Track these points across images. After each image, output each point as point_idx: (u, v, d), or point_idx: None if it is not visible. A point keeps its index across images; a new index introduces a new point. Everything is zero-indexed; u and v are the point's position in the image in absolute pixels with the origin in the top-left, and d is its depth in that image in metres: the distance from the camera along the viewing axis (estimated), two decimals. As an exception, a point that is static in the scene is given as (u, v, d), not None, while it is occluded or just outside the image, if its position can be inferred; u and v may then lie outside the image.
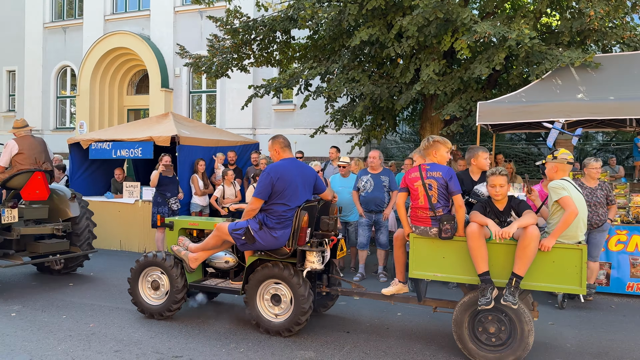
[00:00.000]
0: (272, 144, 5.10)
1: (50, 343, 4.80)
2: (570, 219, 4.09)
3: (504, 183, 4.39)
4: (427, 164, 4.62)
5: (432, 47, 8.10)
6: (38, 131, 18.32)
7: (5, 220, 6.48)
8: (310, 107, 10.05)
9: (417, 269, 4.58)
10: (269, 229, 4.84)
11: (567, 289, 4.18)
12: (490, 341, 4.40)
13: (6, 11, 19.07)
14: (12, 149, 6.79)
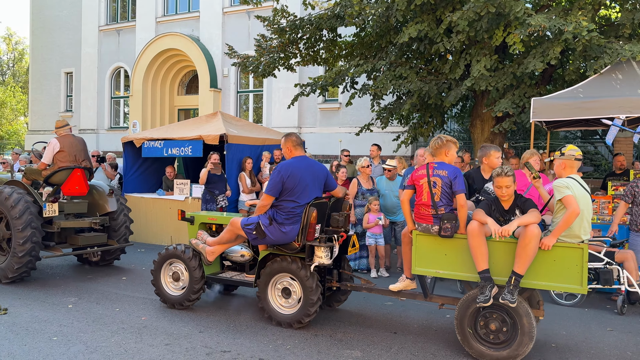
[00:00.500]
0: (285, 142, 5.25)
1: (104, 334, 4.95)
2: (572, 218, 4.06)
3: (510, 184, 4.37)
4: (435, 163, 4.68)
5: (483, 42, 7.87)
6: (93, 130, 19.07)
7: (46, 214, 6.84)
8: (355, 105, 9.98)
9: (419, 265, 4.66)
10: (278, 225, 5.01)
11: (568, 288, 4.16)
12: (491, 338, 4.41)
13: (64, 16, 19.94)
14: (55, 147, 7.14)
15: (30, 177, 7.34)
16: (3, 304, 5.81)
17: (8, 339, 4.77)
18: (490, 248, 4.32)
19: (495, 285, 4.26)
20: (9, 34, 50.09)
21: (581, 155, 4.48)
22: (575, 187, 4.23)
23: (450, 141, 4.75)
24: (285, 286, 5.23)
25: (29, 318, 5.38)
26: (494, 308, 4.38)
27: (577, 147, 4.54)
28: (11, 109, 37.18)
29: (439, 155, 4.76)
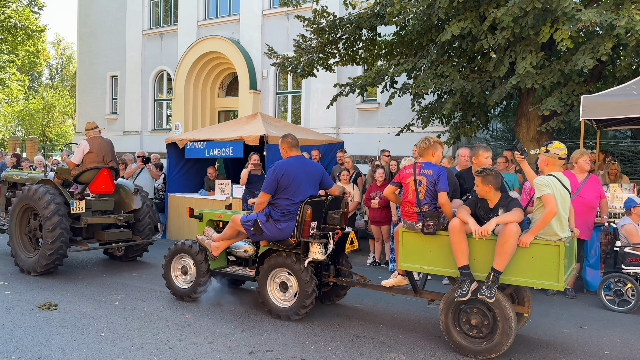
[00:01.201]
0: (281, 142, 5.51)
1: (150, 331, 5.05)
2: (549, 217, 4.16)
3: (492, 182, 4.51)
4: (422, 162, 4.86)
5: (529, 38, 7.64)
6: (137, 132, 19.58)
7: (74, 211, 7.27)
8: (394, 104, 9.87)
9: (405, 261, 4.82)
10: (274, 221, 5.28)
11: (545, 284, 4.22)
12: (473, 332, 4.53)
13: (109, 21, 20.57)
14: (84, 148, 7.52)
15: (61, 176, 7.71)
16: (54, 300, 6.01)
17: (59, 334, 4.93)
18: (471, 245, 4.43)
19: (474, 281, 4.39)
20: (58, 39, 52.12)
21: (566, 155, 4.54)
22: (557, 186, 4.32)
23: (437, 142, 4.94)
24: (283, 280, 5.50)
25: (77, 314, 5.54)
26: (475, 303, 4.48)
27: (563, 145, 4.59)
28: (60, 112, 38.65)
29: (426, 156, 4.92)
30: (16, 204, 7.63)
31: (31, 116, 37.06)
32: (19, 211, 7.63)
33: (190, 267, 6.12)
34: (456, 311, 4.62)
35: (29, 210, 7.61)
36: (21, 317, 5.42)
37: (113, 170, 7.78)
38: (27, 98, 40.57)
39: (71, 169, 7.57)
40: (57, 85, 49.30)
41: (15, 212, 7.65)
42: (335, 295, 6.08)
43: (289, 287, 5.46)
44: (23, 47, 26.84)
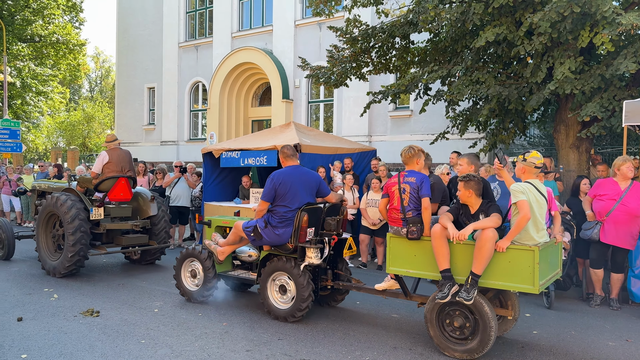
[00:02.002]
0: (280, 153, 5.88)
1: (188, 339, 5.13)
2: (523, 223, 4.31)
3: (472, 188, 4.71)
4: (406, 171, 5.09)
5: (568, 43, 7.47)
6: (174, 142, 20.01)
7: (93, 217, 7.82)
8: (427, 111, 9.79)
9: (393, 265, 5.01)
10: (272, 227, 5.59)
11: (521, 287, 4.35)
12: (456, 334, 4.68)
13: (147, 34, 21.17)
14: (104, 159, 8.08)
15: (83, 184, 8.24)
16: (96, 307, 6.18)
17: (101, 340, 5.07)
18: (453, 250, 4.61)
19: (455, 284, 4.56)
20: (97, 53, 53.92)
21: (542, 164, 4.75)
22: (531, 192, 4.49)
23: (420, 151, 5.19)
24: (282, 284, 5.76)
25: (119, 321, 5.68)
26: (458, 306, 4.64)
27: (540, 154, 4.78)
28: (99, 123, 39.88)
29: (410, 164, 5.15)
30: (42, 211, 8.21)
31: (72, 127, 38.38)
32: (45, 218, 8.22)
33: (199, 271, 6.44)
34: (440, 313, 4.78)
35: (54, 217, 8.16)
36: (65, 323, 5.59)
37: (130, 179, 8.29)
38: (68, 110, 42.03)
39: (92, 178, 8.10)
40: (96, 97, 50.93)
41: (41, 219, 8.23)
42: (334, 300, 6.30)
43: (288, 290, 5.72)
44: (65, 61, 27.91)
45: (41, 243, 8.22)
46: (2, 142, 19.64)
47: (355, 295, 6.84)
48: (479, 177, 4.76)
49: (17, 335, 5.18)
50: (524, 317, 6.06)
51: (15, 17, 24.24)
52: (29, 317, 5.77)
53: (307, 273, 5.60)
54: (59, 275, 7.74)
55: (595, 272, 6.67)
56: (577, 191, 7.38)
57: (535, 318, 6.06)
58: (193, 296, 6.44)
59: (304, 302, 5.54)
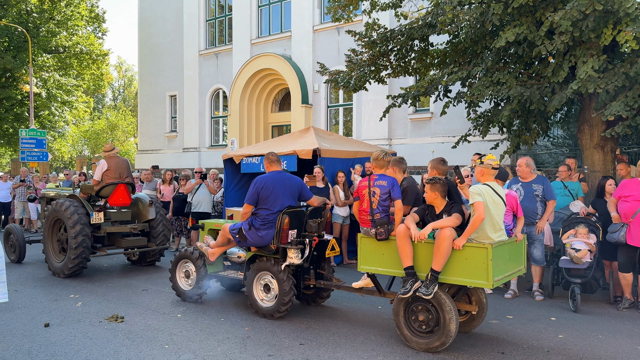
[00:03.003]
0: (265, 159, 6.25)
1: (211, 344, 5.17)
2: (477, 222, 4.59)
3: (436, 190, 4.96)
4: (377, 175, 5.37)
5: (590, 42, 7.33)
6: (195, 149, 20.23)
7: (93, 221, 8.33)
8: (448, 114, 9.71)
9: (364, 263, 5.31)
10: (255, 229, 5.92)
11: (477, 283, 4.62)
12: (421, 328, 4.94)
13: (167, 43, 21.48)
14: (103, 167, 8.63)
15: (86, 191, 8.73)
16: (120, 313, 6.27)
17: (126, 345, 5.14)
18: (417, 248, 4.89)
19: (418, 280, 4.84)
20: (120, 62, 54.92)
21: (498, 165, 5.05)
22: (487, 194, 4.77)
23: (392, 155, 5.65)
24: (266, 283, 6.07)
25: (143, 326, 5.76)
26: (422, 301, 4.89)
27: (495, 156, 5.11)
28: (122, 131, 40.55)
29: (382, 168, 5.44)
30: (48, 216, 8.72)
31: (96, 136, 39.12)
32: (51, 222, 8.72)
33: (192, 272, 6.81)
34: (407, 309, 5.03)
35: (59, 222, 8.65)
36: (91, 328, 5.68)
37: (129, 185, 8.80)
38: (93, 119, 42.86)
39: (94, 185, 8.66)
40: (119, 105, 51.83)
41: (48, 223, 8.75)
42: (319, 297, 6.60)
43: (271, 289, 6.04)
44: (88, 71, 28.48)
45: (48, 246, 8.72)
46: (29, 152, 20.11)
47: (377, 300, 6.81)
48: (444, 180, 5.04)
49: (44, 340, 5.29)
50: (549, 321, 5.95)
51: (41, 29, 24.84)
52: (55, 323, 5.88)
53: (287, 272, 5.89)
54: (64, 275, 8.26)
55: (624, 276, 6.50)
56: (603, 192, 7.22)
57: (560, 322, 5.94)
58: (186, 295, 6.77)
59: (286, 299, 5.85)
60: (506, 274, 4.89)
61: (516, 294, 7.06)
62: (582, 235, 6.73)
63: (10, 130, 25.48)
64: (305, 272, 6.24)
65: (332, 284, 6.14)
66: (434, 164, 5.61)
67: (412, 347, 4.95)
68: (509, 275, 4.96)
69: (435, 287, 4.70)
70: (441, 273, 4.73)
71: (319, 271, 6.32)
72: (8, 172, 21.60)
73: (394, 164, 5.58)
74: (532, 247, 7.00)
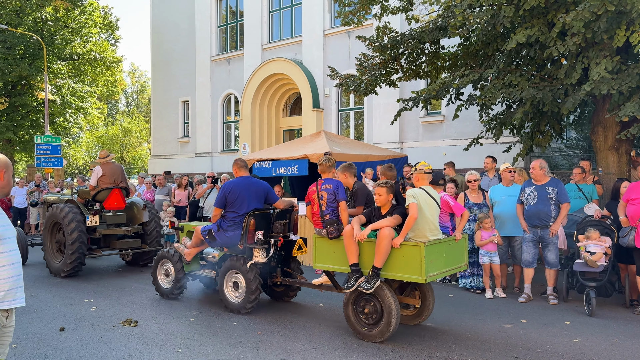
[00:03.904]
0: (233, 165, 6.70)
1: (224, 348, 5.19)
2: (410, 222, 4.99)
3: (382, 193, 5.31)
4: (323, 179, 5.77)
5: (603, 43, 7.27)
6: (208, 154, 20.36)
7: (89, 224, 8.80)
8: (460, 116, 9.67)
9: (318, 261, 5.72)
10: (223, 230, 6.38)
11: (412, 278, 5.06)
12: (367, 320, 5.35)
13: (180, 49, 21.68)
14: (98, 172, 9.13)
15: (83, 196, 9.28)
16: (134, 317, 6.32)
17: (139, 349, 5.17)
18: (363, 247, 5.28)
19: (362, 276, 5.22)
20: (133, 68, 55.50)
21: (430, 169, 5.47)
22: (421, 197, 5.17)
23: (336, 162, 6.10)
24: (235, 280, 6.45)
25: (156, 330, 5.79)
26: (368, 296, 5.30)
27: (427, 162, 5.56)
28: (136, 137, 40.93)
29: (327, 173, 5.86)
30: (47, 219, 9.25)
31: (110, 141, 39.52)
32: (50, 225, 9.20)
33: (171, 271, 7.19)
34: (354, 303, 5.44)
35: (57, 225, 9.09)
36: (105, 332, 5.74)
37: (123, 189, 9.27)
38: (106, 125, 43.32)
39: (90, 190, 9.17)
40: (133, 111, 52.33)
41: (47, 226, 9.24)
42: (287, 295, 7.03)
43: (240, 286, 6.40)
44: (102, 78, 28.80)
45: (47, 247, 9.17)
46: (44, 158, 20.37)
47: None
48: (392, 183, 5.45)
49: (59, 344, 5.35)
50: (564, 325, 5.88)
51: (55, 37, 25.18)
52: (70, 327, 5.94)
53: (254, 270, 6.27)
54: (62, 275, 8.72)
55: (640, 279, 6.40)
56: (618, 194, 7.13)
57: (575, 326, 5.87)
58: (166, 292, 7.21)
59: (252, 295, 6.24)
60: (442, 270, 5.31)
61: (530, 298, 7.00)
62: (594, 239, 6.65)
63: (26, 136, 25.83)
64: (273, 271, 6.62)
65: (296, 281, 6.50)
66: (383, 170, 6.11)
67: (360, 337, 5.35)
68: (446, 271, 5.42)
69: (377, 282, 5.13)
70: (382, 269, 5.14)
71: (286, 269, 6.71)
72: (24, 178, 21.90)
73: (344, 169, 6.01)
74: (546, 250, 6.94)
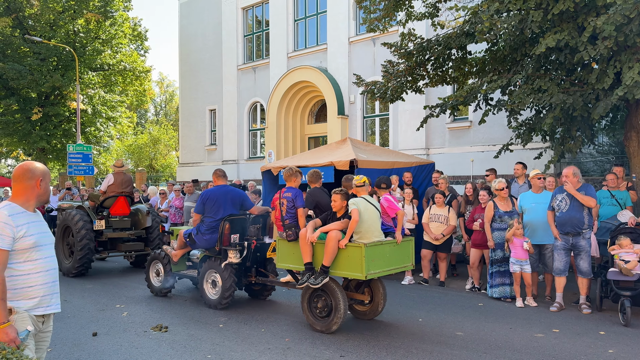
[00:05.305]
0: (212, 174, 7.42)
1: (252, 354, 5.22)
2: (352, 225, 5.64)
3: (337, 199, 5.91)
4: (285, 188, 6.51)
5: (635, 46, 7.11)
6: (234, 161, 20.57)
7: (96, 227, 9.62)
8: (487, 122, 9.54)
9: (280, 261, 6.47)
10: (201, 234, 7.06)
11: (355, 275, 5.70)
12: (320, 313, 5.97)
13: (207, 59, 22.01)
14: (109, 180, 10.05)
15: (93, 199, 10.14)
16: (164, 323, 6.42)
17: (170, 355, 5.25)
18: (317, 248, 5.91)
19: (314, 274, 5.83)
20: (161, 78, 56.52)
21: (361, 182, 6.05)
22: (361, 203, 5.81)
23: (298, 172, 6.69)
24: (213, 279, 7.11)
25: (186, 336, 5.87)
26: (320, 291, 5.94)
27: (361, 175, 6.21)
28: (164, 145, 41.61)
29: (289, 182, 6.59)
30: (59, 224, 10.11)
31: (139, 150, 40.27)
32: (61, 229, 10.02)
33: (161, 271, 7.93)
34: (310, 297, 6.09)
35: (68, 229, 9.86)
36: (136, 338, 5.84)
37: (129, 197, 10.15)
38: (136, 133, 44.17)
39: (100, 195, 10.11)
40: (161, 120, 53.29)
41: (59, 230, 10.06)
42: (261, 294, 7.71)
43: (217, 284, 7.02)
44: (132, 87, 29.44)
45: (59, 250, 9.86)
46: (76, 166, 20.90)
47: (418, 312, 6.74)
48: (346, 190, 6.12)
49: (92, 349, 5.47)
50: (598, 335, 5.74)
51: (87, 48, 25.88)
52: (102, 332, 6.07)
53: (229, 270, 6.89)
54: (71, 274, 9.53)
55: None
56: (654, 201, 6.94)
57: (610, 336, 5.72)
58: (156, 290, 7.93)
59: (227, 292, 6.88)
60: (385, 269, 5.90)
61: (562, 307, 6.85)
62: (625, 246, 6.47)
63: (59, 145, 26.56)
64: (248, 271, 7.28)
65: (268, 280, 7.20)
66: (343, 180, 6.85)
67: (314, 329, 5.97)
68: (389, 270, 6.01)
69: (325, 279, 5.74)
70: (331, 268, 5.78)
71: (261, 270, 7.34)
72: (56, 186, 22.50)
73: (289, 176, 6.67)
74: (578, 258, 6.79)
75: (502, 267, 7.39)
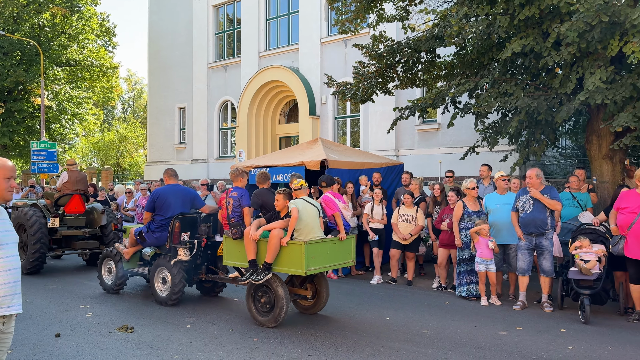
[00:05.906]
0: (163, 174, 7.63)
1: (220, 354, 5.18)
2: (293, 223, 5.88)
3: (280, 199, 6.16)
4: (232, 188, 6.72)
5: (597, 53, 7.36)
6: (204, 160, 20.36)
7: (50, 225, 9.64)
8: (455, 124, 9.73)
9: (227, 259, 6.59)
10: (151, 232, 7.22)
11: (295, 271, 5.93)
12: (263, 308, 6.20)
13: (177, 56, 21.73)
14: (64, 178, 10.16)
15: (48, 197, 10.22)
16: (130, 323, 6.31)
17: (135, 356, 5.17)
18: (260, 246, 6.09)
19: (257, 270, 6.01)
20: (129, 75, 55.47)
21: (301, 185, 6.32)
22: (301, 204, 6.04)
23: (244, 172, 7.00)
24: (163, 276, 7.20)
25: (152, 337, 5.78)
26: (263, 287, 6.15)
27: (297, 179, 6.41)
28: (132, 143, 40.85)
29: (235, 182, 6.81)
30: (12, 221, 9.65)
31: (106, 148, 39.44)
32: (15, 227, 9.28)
33: (113, 268, 8.00)
34: (254, 293, 6.29)
35: (22, 226, 9.72)
36: (101, 339, 5.72)
37: (84, 195, 10.25)
38: (102, 131, 43.24)
39: (54, 193, 10.12)
40: (129, 118, 52.30)
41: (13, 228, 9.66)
42: (213, 291, 7.88)
43: (167, 281, 7.13)
44: (99, 84, 28.81)
45: None
46: (40, 164, 20.32)
47: (386, 311, 6.81)
48: (289, 191, 6.29)
49: (55, 351, 5.34)
50: (558, 333, 5.92)
51: (52, 43, 25.21)
52: (66, 334, 5.93)
53: (178, 267, 7.00)
54: (25, 272, 9.15)
55: (635, 288, 6.40)
56: (616, 202, 7.18)
57: (570, 333, 5.91)
58: (108, 287, 8.01)
59: (176, 289, 7.00)
60: (325, 265, 6.08)
61: (525, 305, 7.03)
62: (585, 247, 6.68)
63: (22, 142, 25.79)
64: (199, 268, 7.36)
65: (217, 277, 7.31)
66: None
67: (257, 324, 6.16)
68: (330, 266, 6.22)
69: (268, 275, 5.94)
70: (273, 264, 5.96)
71: (211, 267, 7.43)
72: (19, 184, 21.82)
73: (236, 176, 6.89)
74: (541, 258, 6.98)
75: (469, 266, 7.53)
